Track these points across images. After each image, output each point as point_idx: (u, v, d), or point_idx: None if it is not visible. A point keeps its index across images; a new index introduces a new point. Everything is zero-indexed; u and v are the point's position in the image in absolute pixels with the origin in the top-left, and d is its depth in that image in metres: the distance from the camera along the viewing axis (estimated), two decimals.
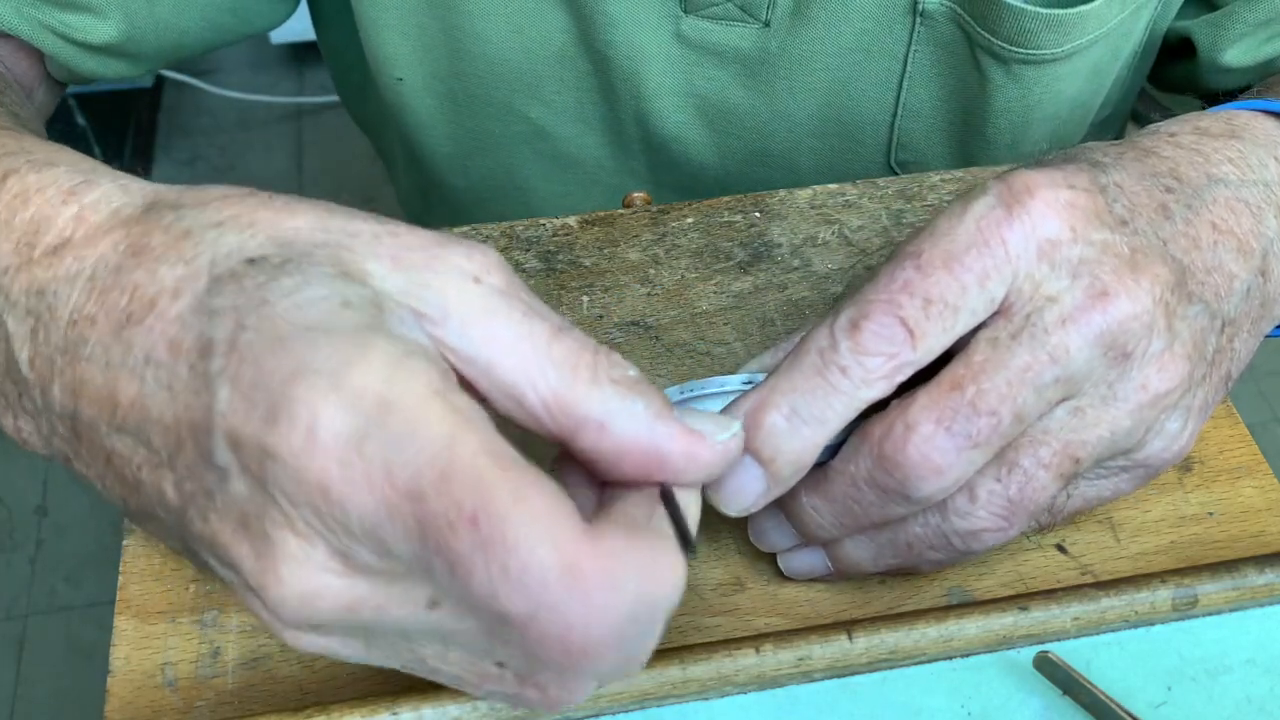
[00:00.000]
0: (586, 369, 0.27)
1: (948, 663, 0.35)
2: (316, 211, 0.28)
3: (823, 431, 0.32)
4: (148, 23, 0.55)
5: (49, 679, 1.36)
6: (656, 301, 0.48)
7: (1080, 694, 0.33)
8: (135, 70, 0.58)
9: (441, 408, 0.24)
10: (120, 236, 0.28)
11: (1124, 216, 0.34)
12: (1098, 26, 0.52)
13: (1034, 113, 0.55)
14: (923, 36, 0.54)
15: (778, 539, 0.37)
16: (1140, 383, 0.33)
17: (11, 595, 1.44)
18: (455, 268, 0.27)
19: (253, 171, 2.00)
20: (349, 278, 0.27)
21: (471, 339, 0.27)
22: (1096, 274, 0.32)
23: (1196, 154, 0.37)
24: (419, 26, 0.58)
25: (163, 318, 0.26)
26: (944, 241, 0.32)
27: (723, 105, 0.59)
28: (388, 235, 0.28)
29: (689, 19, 0.55)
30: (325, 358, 0.24)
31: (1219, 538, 0.40)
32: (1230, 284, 0.35)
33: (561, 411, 0.27)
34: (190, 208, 0.28)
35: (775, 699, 0.34)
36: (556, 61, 0.58)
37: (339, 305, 0.26)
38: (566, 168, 0.64)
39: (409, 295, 0.27)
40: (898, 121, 0.58)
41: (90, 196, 0.29)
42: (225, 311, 0.26)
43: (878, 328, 0.32)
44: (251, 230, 0.27)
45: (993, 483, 0.33)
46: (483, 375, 0.27)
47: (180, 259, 0.27)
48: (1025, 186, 0.33)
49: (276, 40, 2.07)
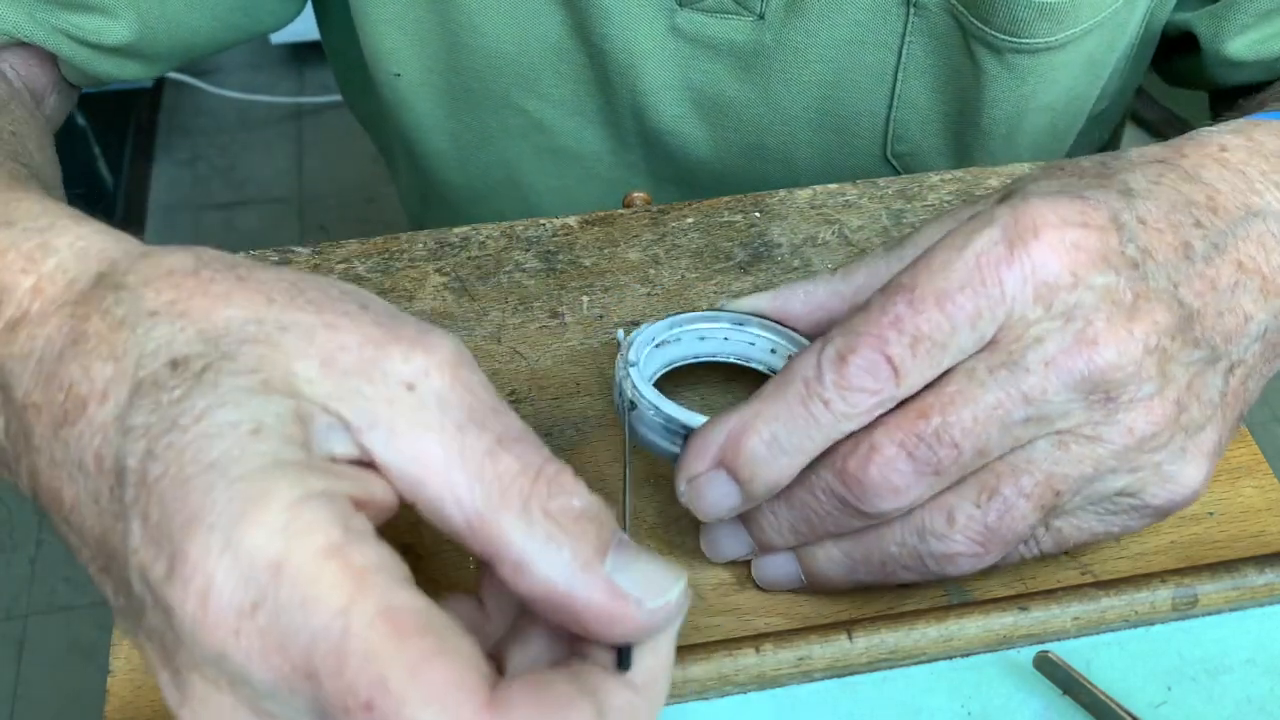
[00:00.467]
0: (518, 496, 0.25)
1: (948, 663, 0.35)
2: (255, 297, 0.27)
3: (800, 460, 0.33)
4: (159, 22, 0.55)
5: (49, 679, 1.36)
6: (656, 301, 0.48)
7: (1080, 694, 0.33)
8: (149, 72, 0.58)
9: (336, 571, 0.23)
10: (67, 316, 0.27)
11: (1135, 259, 0.33)
12: (1091, 16, 0.52)
13: (1029, 103, 0.55)
14: (917, 27, 0.54)
15: (731, 547, 0.37)
16: (1126, 426, 0.33)
17: (11, 595, 1.44)
18: (388, 373, 0.26)
19: (253, 171, 2.00)
20: (269, 389, 0.25)
21: (398, 451, 0.26)
22: (1090, 319, 0.32)
23: (1241, 177, 0.36)
24: (416, 21, 0.58)
25: (91, 424, 0.26)
26: (939, 276, 0.32)
27: (718, 98, 0.59)
28: (324, 330, 0.26)
29: (684, 12, 0.55)
30: (221, 509, 0.23)
31: (1219, 538, 0.40)
32: (1244, 326, 0.34)
33: (483, 536, 0.25)
34: (132, 289, 0.27)
35: (775, 699, 0.34)
36: (553, 55, 0.58)
37: (248, 434, 0.24)
38: (564, 162, 0.64)
39: (337, 401, 0.26)
40: (893, 113, 0.58)
41: (48, 265, 0.28)
42: (139, 433, 0.25)
43: (863, 363, 0.32)
44: (182, 323, 0.26)
45: (971, 508, 0.33)
46: (410, 491, 0.26)
47: (112, 355, 0.26)
48: (1032, 224, 0.32)
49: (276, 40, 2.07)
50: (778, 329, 0.40)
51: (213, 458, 0.24)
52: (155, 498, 0.24)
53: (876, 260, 0.38)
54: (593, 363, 0.45)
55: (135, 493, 0.24)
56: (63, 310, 0.27)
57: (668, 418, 0.37)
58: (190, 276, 0.27)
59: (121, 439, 0.25)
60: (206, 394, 0.25)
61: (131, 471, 0.25)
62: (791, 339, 0.40)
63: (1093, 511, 0.35)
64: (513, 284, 0.48)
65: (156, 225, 1.87)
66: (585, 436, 0.43)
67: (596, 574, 0.25)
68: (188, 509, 0.24)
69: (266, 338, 0.26)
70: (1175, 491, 0.34)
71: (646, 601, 0.26)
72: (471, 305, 0.48)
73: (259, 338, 0.26)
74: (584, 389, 0.45)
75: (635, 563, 0.26)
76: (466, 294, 0.48)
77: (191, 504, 0.24)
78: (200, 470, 0.24)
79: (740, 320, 0.40)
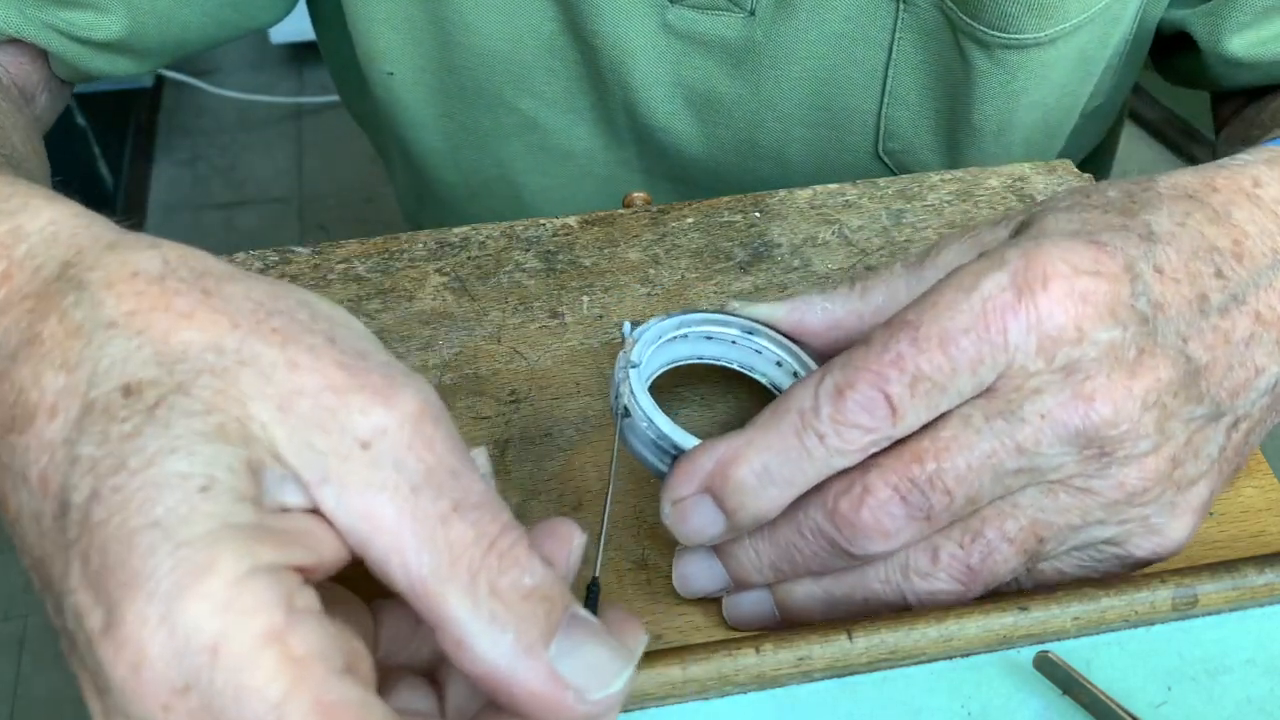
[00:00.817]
0: (467, 568, 0.24)
1: (948, 663, 0.35)
2: (218, 320, 0.26)
3: (790, 492, 0.32)
4: (150, 18, 0.55)
5: (49, 679, 1.36)
6: (656, 301, 0.48)
7: (1080, 694, 0.33)
8: (141, 67, 0.58)
9: (274, 660, 0.22)
10: (25, 310, 0.26)
11: (1145, 313, 0.32)
12: (1081, 11, 0.52)
13: (1020, 100, 0.55)
14: (907, 23, 0.54)
15: (704, 582, 0.36)
16: (1118, 480, 0.32)
17: (11, 595, 1.44)
18: (345, 427, 0.25)
19: (253, 171, 2.01)
20: (223, 436, 0.24)
21: (349, 510, 0.25)
22: (1090, 374, 0.31)
23: (1273, 220, 0.35)
24: (408, 19, 0.58)
25: (38, 439, 0.25)
26: (944, 317, 0.32)
27: (710, 95, 0.59)
28: (285, 368, 0.25)
29: (675, 8, 0.55)
30: (162, 577, 0.23)
31: (1219, 538, 0.40)
32: (1254, 380, 0.34)
33: (427, 606, 0.25)
34: (91, 291, 0.26)
35: (775, 699, 0.34)
36: (545, 52, 0.58)
37: (197, 491, 0.23)
38: (558, 161, 0.64)
39: (291, 452, 0.25)
40: (884, 110, 0.58)
41: (19, 250, 0.27)
42: (86, 466, 0.24)
43: (861, 399, 0.31)
44: (139, 340, 0.25)
45: (955, 548, 0.33)
46: (358, 549, 0.25)
47: (64, 364, 0.25)
48: (1042, 273, 0.31)
49: (276, 40, 2.07)
50: (786, 343, 0.39)
51: (158, 515, 0.23)
52: (96, 545, 0.23)
53: (896, 279, 0.37)
54: (593, 363, 0.45)
55: (78, 532, 0.24)
56: (25, 301, 0.26)
57: (660, 434, 0.36)
58: (155, 284, 0.26)
59: (69, 468, 0.24)
60: (158, 435, 0.24)
61: (76, 508, 0.24)
62: (798, 356, 0.39)
63: (1075, 558, 0.34)
64: (513, 284, 0.48)
65: (156, 225, 1.87)
66: (585, 436, 0.43)
67: (539, 660, 0.25)
68: (128, 569, 0.23)
69: (224, 371, 0.25)
70: (1159, 544, 0.34)
71: (588, 693, 0.25)
72: (471, 305, 0.48)
73: (216, 369, 0.25)
74: (584, 389, 0.45)
75: (583, 646, 0.25)
76: (466, 294, 0.48)
77: (132, 565, 0.23)
78: (144, 526, 0.23)
79: (750, 328, 0.40)
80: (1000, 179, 0.53)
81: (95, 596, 0.23)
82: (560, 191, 0.66)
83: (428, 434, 0.25)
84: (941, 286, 0.32)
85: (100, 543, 0.23)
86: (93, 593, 0.23)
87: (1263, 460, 0.42)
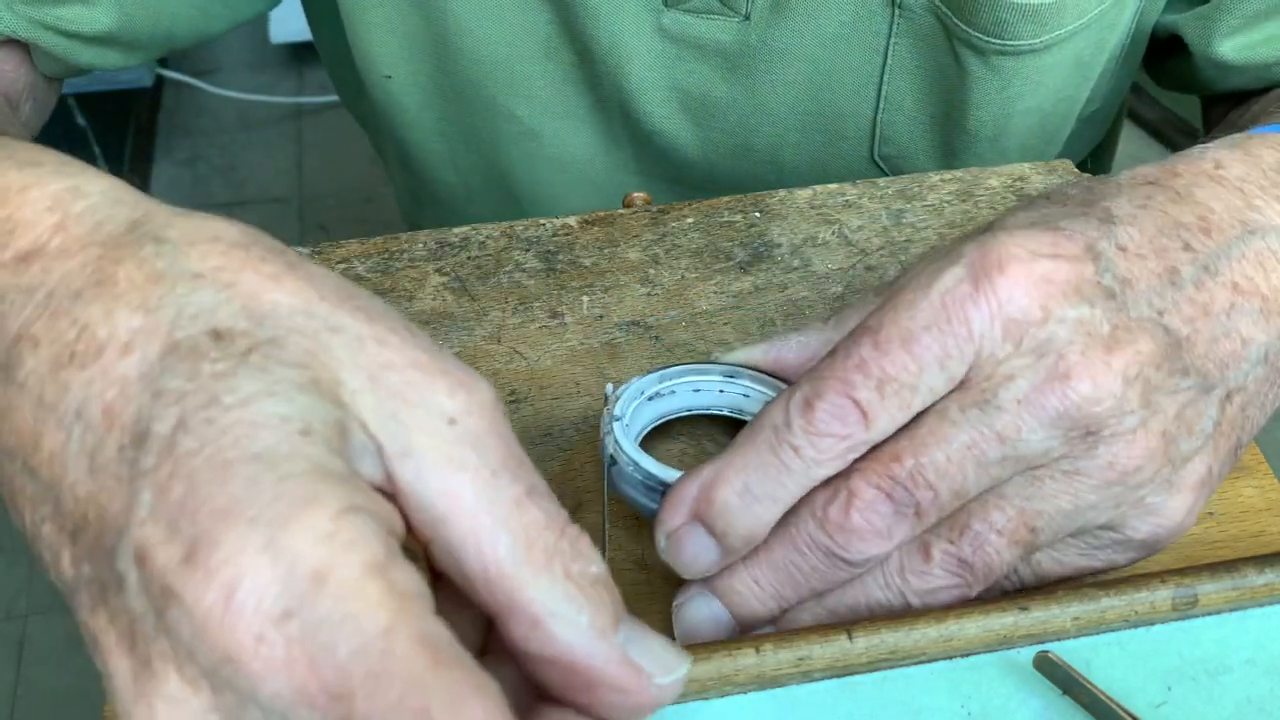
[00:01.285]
0: (543, 551, 0.25)
1: (948, 663, 0.35)
2: (306, 289, 0.25)
3: (775, 509, 0.32)
4: (139, 11, 0.55)
5: (49, 679, 1.36)
6: (656, 301, 0.48)
7: (1080, 694, 0.33)
8: (128, 60, 0.58)
9: (380, 589, 0.22)
10: (93, 256, 0.26)
11: (1112, 288, 0.32)
12: (1077, 18, 0.51)
13: (1015, 105, 0.55)
14: (902, 29, 0.54)
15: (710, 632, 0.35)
16: (1107, 460, 0.32)
17: (11, 595, 1.44)
18: (431, 404, 0.25)
19: (253, 171, 2.01)
20: (318, 390, 0.24)
21: (428, 487, 0.25)
22: (1063, 353, 0.31)
23: (1239, 195, 0.35)
24: (405, 24, 0.58)
25: (106, 374, 0.24)
26: (904, 317, 0.31)
27: (705, 99, 0.59)
28: (373, 342, 0.25)
29: (670, 12, 0.55)
30: (264, 506, 0.22)
31: (1219, 538, 0.40)
32: (1242, 350, 0.33)
33: (500, 588, 0.24)
34: (174, 244, 0.26)
35: (775, 699, 0.34)
36: (542, 56, 0.58)
37: (296, 433, 0.23)
38: (556, 169, 0.64)
39: (375, 422, 0.25)
40: (880, 114, 0.58)
41: (76, 206, 0.27)
42: (171, 398, 0.23)
43: (830, 408, 0.31)
44: (229, 293, 0.25)
45: (946, 543, 0.33)
46: (429, 527, 0.25)
47: (143, 305, 0.25)
48: (998, 260, 0.31)
49: (276, 40, 2.07)
50: (771, 382, 0.39)
51: (258, 449, 0.23)
52: (182, 473, 0.22)
53: (867, 305, 0.37)
54: (593, 363, 0.45)
55: (155, 461, 0.23)
56: (89, 249, 0.26)
57: (647, 474, 0.36)
58: (238, 249, 0.26)
59: (149, 399, 0.23)
60: (254, 377, 0.24)
61: (158, 438, 0.23)
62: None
63: (1074, 546, 0.34)
64: (513, 284, 0.48)
65: None
66: (585, 436, 0.43)
67: (611, 642, 0.25)
68: (225, 496, 0.22)
69: (314, 334, 0.25)
70: (1159, 524, 0.34)
71: (656, 676, 0.25)
72: (471, 305, 0.48)
73: (307, 331, 0.25)
74: (584, 389, 0.45)
75: (644, 638, 0.26)
76: (466, 294, 0.48)
77: (230, 493, 0.22)
78: (243, 458, 0.23)
79: (732, 372, 0.40)
80: (1000, 179, 0.53)
81: (171, 528, 0.22)
82: (558, 195, 0.66)
83: (502, 423, 0.26)
84: (899, 289, 0.32)
85: (187, 471, 0.22)
86: (167, 525, 0.22)
87: (1263, 460, 0.42)
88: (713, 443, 0.43)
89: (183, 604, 0.22)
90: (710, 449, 0.43)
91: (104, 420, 0.24)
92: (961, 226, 0.51)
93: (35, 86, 0.57)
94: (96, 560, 0.24)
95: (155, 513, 0.22)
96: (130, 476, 0.23)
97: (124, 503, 0.23)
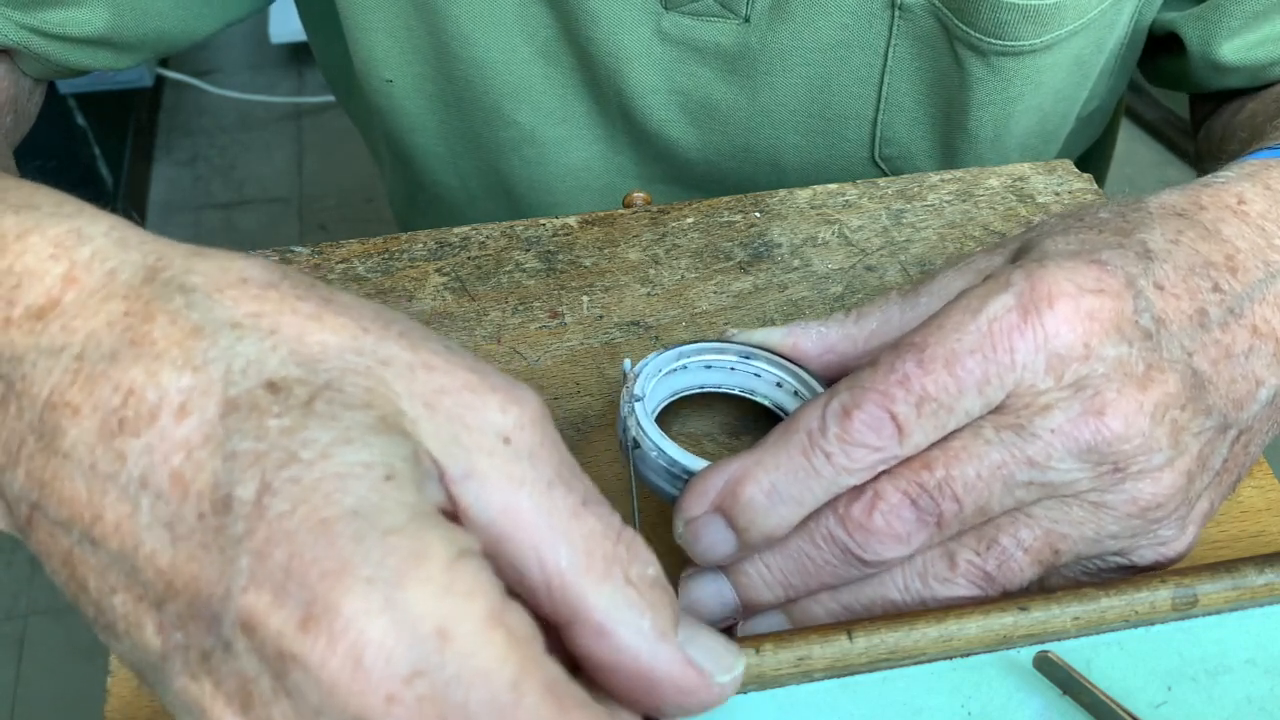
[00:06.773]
0: (603, 560, 0.25)
1: (948, 663, 0.35)
2: (349, 324, 0.25)
3: (799, 511, 0.32)
4: (130, 12, 0.55)
5: (49, 679, 1.36)
6: (656, 301, 0.48)
7: (1080, 694, 0.33)
8: (119, 61, 0.58)
9: (504, 640, 0.22)
10: (117, 311, 0.25)
11: (1149, 329, 0.33)
12: (1076, 18, 0.52)
13: (1015, 105, 0.55)
14: (902, 30, 0.54)
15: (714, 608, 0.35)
16: (1132, 495, 0.32)
17: (11, 595, 1.44)
18: (488, 423, 0.25)
19: (253, 171, 2.01)
20: (387, 428, 0.24)
21: (489, 505, 0.25)
22: (1100, 389, 0.32)
23: (1260, 233, 0.36)
24: (406, 28, 0.58)
25: (166, 439, 0.23)
26: (951, 338, 0.32)
27: (705, 101, 0.59)
28: (422, 369, 0.25)
29: (669, 15, 0.55)
30: (377, 564, 0.22)
31: (1219, 538, 0.40)
32: (1254, 392, 0.34)
33: (564, 599, 0.25)
34: (203, 293, 0.25)
35: (775, 699, 0.34)
36: (541, 60, 0.58)
37: (382, 479, 0.23)
38: (556, 175, 0.64)
39: (437, 448, 0.24)
40: (880, 116, 0.58)
41: (82, 253, 0.25)
42: (247, 460, 0.23)
43: (868, 418, 0.31)
44: (273, 340, 0.24)
45: (972, 554, 0.33)
46: (492, 544, 0.25)
47: (188, 363, 0.24)
48: (1047, 294, 0.32)
49: (276, 40, 2.07)
50: (785, 364, 0.40)
51: (352, 503, 0.22)
52: (281, 540, 0.22)
53: (890, 305, 0.38)
54: (593, 363, 0.45)
55: (248, 527, 0.22)
56: (110, 304, 0.25)
57: (671, 460, 0.36)
58: (271, 289, 0.25)
59: (221, 464, 0.23)
60: (325, 427, 0.23)
61: (243, 503, 0.22)
62: (798, 376, 0.40)
63: (1080, 567, 0.35)
64: (513, 284, 0.48)
65: (156, 225, 1.87)
66: (585, 436, 0.43)
67: (673, 645, 0.25)
68: (332, 557, 0.22)
69: (368, 370, 0.24)
70: (1163, 554, 0.34)
71: (715, 675, 0.26)
72: (471, 305, 0.48)
73: (359, 369, 0.24)
74: (584, 389, 0.45)
75: (700, 636, 0.26)
76: (466, 294, 0.48)
77: (337, 553, 0.22)
78: (341, 515, 0.22)
79: (747, 353, 0.40)
80: (1000, 179, 0.53)
81: (281, 595, 0.22)
82: (558, 198, 0.66)
83: (551, 433, 0.26)
84: (948, 309, 0.33)
85: (286, 535, 0.22)
86: (276, 590, 0.22)
87: (1263, 460, 0.42)
88: (730, 439, 0.43)
89: (306, 668, 0.22)
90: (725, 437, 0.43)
91: (174, 488, 0.23)
92: (961, 226, 0.51)
93: (18, 99, 0.57)
94: (192, 628, 0.23)
95: (256, 578, 0.22)
96: (221, 545, 0.23)
97: (219, 570, 0.23)
